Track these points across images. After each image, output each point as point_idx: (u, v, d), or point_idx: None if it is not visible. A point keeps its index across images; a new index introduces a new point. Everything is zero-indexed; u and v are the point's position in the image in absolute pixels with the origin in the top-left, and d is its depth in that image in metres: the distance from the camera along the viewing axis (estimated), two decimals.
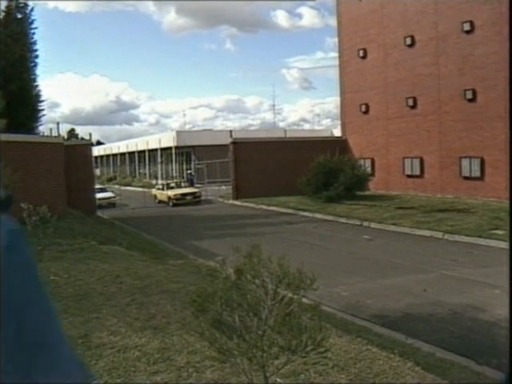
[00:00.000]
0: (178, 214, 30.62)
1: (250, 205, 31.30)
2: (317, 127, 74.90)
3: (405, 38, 30.95)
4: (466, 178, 27.72)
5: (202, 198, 37.31)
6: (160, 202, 36.68)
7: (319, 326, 4.81)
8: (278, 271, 4.66)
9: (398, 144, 31.52)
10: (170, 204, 34.82)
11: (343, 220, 23.68)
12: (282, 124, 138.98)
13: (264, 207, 29.85)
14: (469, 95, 27.32)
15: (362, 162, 32.12)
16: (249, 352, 4.66)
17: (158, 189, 38.77)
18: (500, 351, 7.59)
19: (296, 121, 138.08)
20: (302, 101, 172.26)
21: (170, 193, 35.60)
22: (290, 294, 4.85)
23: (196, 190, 37.01)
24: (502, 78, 24.14)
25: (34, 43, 31.41)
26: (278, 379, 6.06)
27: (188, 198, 35.02)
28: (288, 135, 42.26)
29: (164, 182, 39.36)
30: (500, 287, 10.60)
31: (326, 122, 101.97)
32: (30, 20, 30.88)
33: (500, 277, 10.43)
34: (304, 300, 5.89)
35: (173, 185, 38.09)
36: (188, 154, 54.41)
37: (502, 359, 7.17)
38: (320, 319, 4.90)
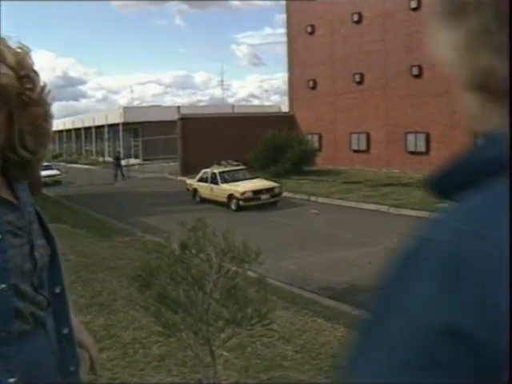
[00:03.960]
0: (124, 191, 30.30)
1: None
2: (266, 103, 74.89)
3: (352, 14, 31.04)
4: (411, 152, 28.15)
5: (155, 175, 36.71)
6: (204, 200, 23.63)
7: (264, 298, 4.84)
8: (223, 245, 4.66)
9: (345, 119, 31.75)
10: (233, 207, 21.72)
11: (291, 195, 23.79)
12: (231, 100, 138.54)
13: None
14: (415, 71, 27.66)
15: (309, 137, 32.24)
16: (194, 326, 4.67)
17: (202, 180, 24.37)
18: None
19: (245, 96, 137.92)
20: (251, 76, 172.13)
21: (236, 189, 21.98)
22: (235, 268, 4.87)
23: (275, 184, 22.99)
24: None
25: None
26: (224, 352, 6.09)
27: (263, 197, 21.82)
28: (236, 111, 42.10)
29: (214, 171, 23.75)
30: None
31: (275, 97, 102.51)
32: None
33: None
34: (251, 274, 5.92)
35: (226, 175, 23.56)
36: (136, 131, 53.73)
37: None
38: (266, 292, 4.93)
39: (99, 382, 5.72)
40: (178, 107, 37.82)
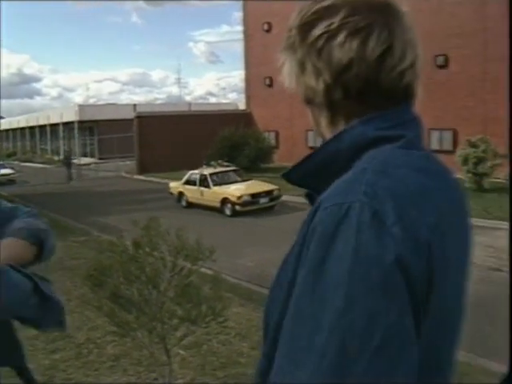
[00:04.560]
0: (80, 190, 29.91)
1: (155, 179, 30.97)
2: (223, 101, 74.87)
3: None
4: None
5: (109, 173, 36.38)
6: (191, 204, 21.15)
7: (219, 296, 4.85)
8: (176, 243, 4.64)
9: (301, 116, 31.76)
10: (227, 212, 19.31)
11: None
12: (188, 98, 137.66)
13: (169, 181, 29.62)
14: None
15: (266, 134, 32.32)
16: (148, 324, 4.65)
17: (189, 183, 21.73)
18: None
19: (202, 94, 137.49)
20: (209, 74, 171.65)
21: (231, 192, 19.56)
22: (189, 265, 4.86)
23: (273, 186, 20.32)
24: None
25: None
26: (180, 351, 6.08)
27: (262, 200, 19.56)
28: (193, 109, 41.97)
29: (204, 172, 21.31)
30: None
31: (232, 95, 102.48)
32: None
33: None
34: (208, 272, 5.91)
35: (217, 177, 21.22)
36: (91, 129, 53.13)
37: None
38: (220, 289, 4.93)
39: (53, 382, 5.66)
40: (134, 105, 37.51)
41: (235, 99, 74.99)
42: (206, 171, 21.22)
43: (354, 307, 0.88)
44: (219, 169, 21.83)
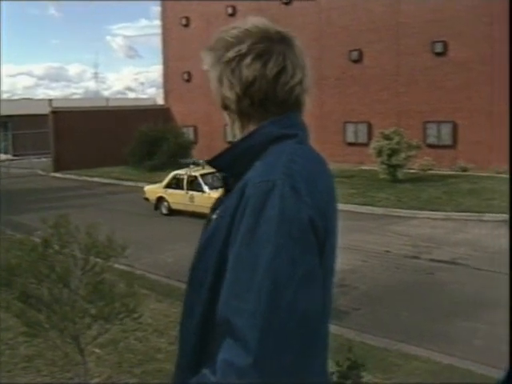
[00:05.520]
0: None
1: (73, 176, 30.24)
2: (141, 96, 73.92)
3: (226, 7, 31.26)
4: None
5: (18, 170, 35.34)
6: (175, 212, 17.91)
7: (132, 292, 4.84)
8: (87, 240, 4.60)
9: (219, 112, 31.78)
10: None
11: None
12: (106, 93, 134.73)
13: (87, 179, 28.99)
14: None
15: (185, 129, 32.17)
16: (60, 324, 4.58)
17: (172, 186, 18.47)
18: None
19: (121, 89, 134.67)
20: (127, 69, 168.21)
21: None
22: (102, 263, 4.82)
23: None
24: (318, 47, 25.38)
25: None
26: (96, 349, 6.03)
27: None
28: (111, 104, 41.24)
29: (193, 173, 18.07)
30: None
31: (151, 90, 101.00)
32: None
33: None
34: (127, 269, 5.88)
35: (211, 178, 17.30)
36: (5, 125, 51.40)
37: None
38: (132, 286, 4.91)
39: None
40: (50, 100, 36.48)
41: (154, 94, 74.16)
42: (197, 172, 18.00)
43: (280, 254, 1.21)
44: (209, 169, 17.80)
